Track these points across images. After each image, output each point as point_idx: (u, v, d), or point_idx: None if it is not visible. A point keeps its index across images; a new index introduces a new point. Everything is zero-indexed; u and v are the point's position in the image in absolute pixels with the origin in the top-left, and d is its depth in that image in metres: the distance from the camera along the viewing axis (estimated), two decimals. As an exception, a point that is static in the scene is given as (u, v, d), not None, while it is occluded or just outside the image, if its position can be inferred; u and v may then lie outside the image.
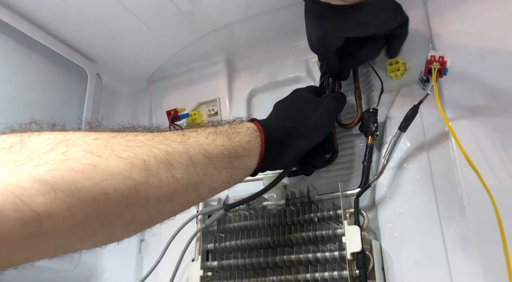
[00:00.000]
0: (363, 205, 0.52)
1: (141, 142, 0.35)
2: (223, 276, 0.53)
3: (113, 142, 0.34)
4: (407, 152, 0.52)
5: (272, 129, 0.45)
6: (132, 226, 0.35)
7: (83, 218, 0.30)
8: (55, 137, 0.32)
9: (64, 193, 0.29)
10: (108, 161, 0.32)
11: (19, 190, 0.27)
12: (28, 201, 0.27)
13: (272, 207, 0.55)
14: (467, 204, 0.46)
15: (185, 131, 0.40)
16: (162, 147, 0.36)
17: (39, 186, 0.28)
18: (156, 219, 0.37)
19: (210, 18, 0.68)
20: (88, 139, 0.33)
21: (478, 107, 0.50)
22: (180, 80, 0.74)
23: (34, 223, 0.28)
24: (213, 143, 0.40)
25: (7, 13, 0.60)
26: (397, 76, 0.55)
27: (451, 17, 0.55)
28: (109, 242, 0.35)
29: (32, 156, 0.29)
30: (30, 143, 0.31)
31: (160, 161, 0.35)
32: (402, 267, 0.47)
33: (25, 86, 0.63)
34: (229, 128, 0.43)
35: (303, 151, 0.50)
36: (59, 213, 0.29)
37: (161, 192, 0.35)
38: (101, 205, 0.31)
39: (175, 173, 0.36)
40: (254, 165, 0.44)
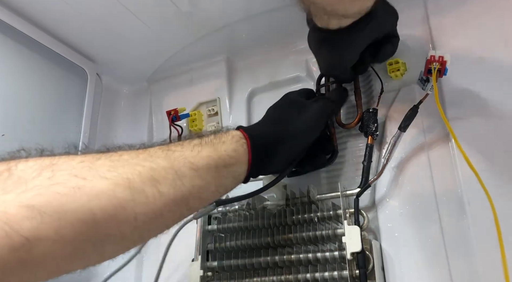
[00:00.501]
0: (363, 205, 0.52)
1: (126, 161, 0.36)
2: (223, 276, 0.53)
3: (98, 163, 0.34)
4: (407, 152, 0.52)
5: (257, 135, 0.45)
6: (123, 243, 0.35)
7: (73, 239, 0.31)
8: (42, 163, 0.33)
9: (51, 217, 0.29)
10: (93, 182, 0.32)
11: (7, 216, 0.28)
12: (16, 227, 0.28)
13: (272, 207, 0.55)
14: (467, 204, 0.46)
15: (169, 146, 0.40)
16: (147, 164, 0.36)
17: (26, 211, 0.29)
18: (147, 235, 0.38)
19: (210, 18, 0.68)
20: (74, 163, 0.34)
21: (478, 107, 0.50)
22: (180, 80, 0.74)
23: (23, 248, 0.28)
24: (198, 155, 0.40)
25: (7, 13, 0.60)
26: (397, 76, 0.55)
27: (451, 17, 0.55)
28: (102, 261, 0.35)
29: (19, 182, 0.30)
30: (17, 170, 0.31)
31: (145, 178, 0.35)
32: (402, 267, 0.47)
33: (25, 86, 0.63)
34: (214, 138, 0.43)
35: (296, 153, 0.50)
36: (48, 236, 0.29)
37: (149, 208, 0.35)
38: (89, 225, 0.31)
39: (161, 188, 0.36)
40: (243, 172, 0.44)
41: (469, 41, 0.53)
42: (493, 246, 0.41)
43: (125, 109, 0.80)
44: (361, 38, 0.47)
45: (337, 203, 0.51)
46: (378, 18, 0.45)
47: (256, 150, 0.44)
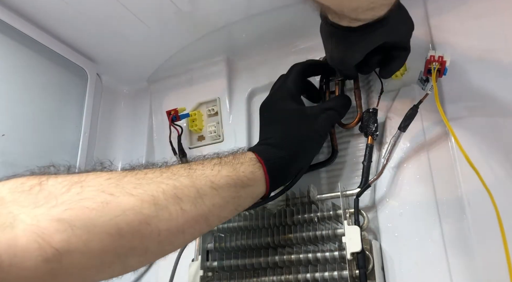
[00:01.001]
0: (363, 205, 0.52)
1: (150, 179, 0.38)
2: (223, 276, 0.53)
3: (124, 180, 0.36)
4: (407, 152, 0.52)
5: (271, 160, 0.46)
6: (146, 256, 0.37)
7: (100, 252, 0.33)
8: (71, 179, 0.35)
9: (80, 230, 0.31)
10: (120, 199, 0.34)
11: (40, 229, 0.30)
12: (48, 239, 0.30)
13: (272, 207, 0.55)
14: (467, 204, 0.46)
15: (191, 164, 0.42)
16: (170, 182, 0.38)
17: (57, 225, 0.31)
18: (169, 249, 0.40)
19: (210, 18, 0.68)
20: (101, 180, 0.36)
21: (478, 107, 0.50)
22: (180, 80, 0.74)
23: (54, 258, 0.30)
24: (219, 174, 0.42)
25: (7, 13, 0.60)
26: (397, 76, 0.55)
27: (451, 17, 0.55)
28: (125, 272, 0.37)
29: (50, 197, 0.32)
30: (47, 185, 0.33)
31: (168, 196, 0.37)
32: (402, 267, 0.47)
33: (25, 86, 0.63)
34: (233, 158, 0.45)
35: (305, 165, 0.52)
36: (77, 248, 0.31)
37: (172, 224, 0.37)
38: (116, 239, 0.33)
39: (183, 206, 0.38)
40: (261, 193, 0.46)
41: (469, 41, 0.53)
42: (493, 246, 0.41)
43: (125, 109, 0.80)
44: (369, 41, 0.47)
45: (337, 203, 0.51)
46: (391, 25, 0.45)
47: (272, 173, 0.46)
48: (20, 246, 0.29)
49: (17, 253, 0.29)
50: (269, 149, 0.48)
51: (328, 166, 0.56)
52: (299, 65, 0.56)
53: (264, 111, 0.53)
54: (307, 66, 0.56)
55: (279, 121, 0.51)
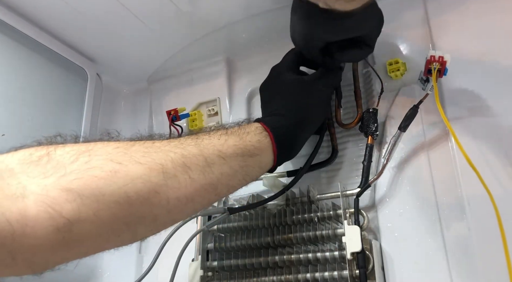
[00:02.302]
0: (363, 205, 0.52)
1: (158, 148, 0.38)
2: (223, 276, 0.53)
3: (132, 149, 0.36)
4: (407, 152, 0.52)
5: (278, 127, 0.47)
6: (155, 225, 0.37)
7: (109, 220, 0.33)
8: (78, 148, 0.34)
9: (89, 199, 0.32)
10: (128, 167, 0.34)
11: (50, 199, 0.30)
12: (58, 209, 0.30)
13: (272, 207, 0.55)
14: (467, 204, 0.46)
15: (198, 135, 0.42)
16: (178, 151, 0.38)
17: (67, 195, 0.31)
18: (179, 218, 0.40)
19: (210, 18, 0.68)
20: (109, 148, 0.36)
21: (478, 107, 0.50)
22: (180, 80, 0.74)
23: (65, 228, 0.30)
24: (226, 143, 0.42)
25: (7, 13, 0.60)
26: (397, 76, 0.55)
27: (451, 17, 0.55)
28: (135, 241, 0.37)
29: (58, 167, 0.32)
30: (55, 155, 0.33)
31: (177, 164, 0.37)
32: (402, 267, 0.47)
33: (25, 86, 0.63)
34: (239, 129, 0.45)
35: (311, 134, 0.52)
36: (87, 217, 0.31)
37: (181, 193, 0.37)
38: (125, 208, 0.33)
39: (192, 175, 0.38)
40: (269, 162, 0.46)
41: (469, 41, 0.53)
42: (493, 246, 0.41)
43: (125, 109, 0.80)
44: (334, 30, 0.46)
45: (337, 203, 0.51)
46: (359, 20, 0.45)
47: (279, 141, 0.46)
48: (31, 215, 0.29)
49: (29, 222, 0.29)
50: (275, 118, 0.48)
51: (328, 166, 0.56)
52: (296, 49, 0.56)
53: (263, 90, 0.54)
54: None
55: (280, 93, 0.51)
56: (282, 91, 0.52)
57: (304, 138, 0.50)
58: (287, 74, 0.53)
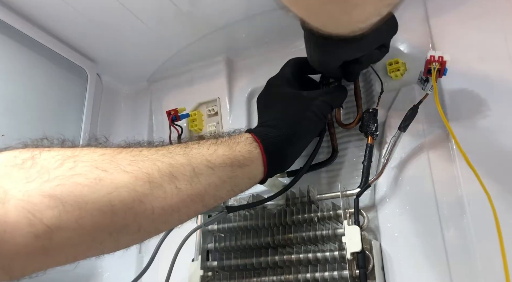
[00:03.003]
0: (363, 205, 0.52)
1: (145, 156, 0.37)
2: (223, 276, 0.53)
3: (119, 157, 0.36)
4: (407, 152, 0.52)
5: (268, 139, 0.46)
6: (139, 235, 0.36)
7: (91, 228, 0.32)
8: (64, 153, 0.34)
9: (72, 206, 0.31)
10: (114, 175, 0.34)
11: (30, 205, 0.29)
12: (39, 215, 0.30)
13: (272, 207, 0.55)
14: (467, 204, 0.46)
15: (187, 144, 0.41)
16: (166, 160, 0.37)
17: (49, 201, 0.30)
18: (163, 228, 0.39)
19: (210, 18, 0.68)
20: (95, 155, 0.35)
21: (478, 107, 0.50)
22: (180, 80, 0.74)
23: (45, 235, 0.30)
24: (215, 153, 0.41)
25: (7, 13, 0.60)
26: (397, 76, 0.55)
27: (451, 17, 0.55)
28: (117, 250, 0.37)
29: (42, 172, 0.31)
30: (40, 159, 0.33)
31: (163, 174, 0.36)
32: (402, 267, 0.47)
33: (25, 86, 0.63)
34: (229, 139, 0.44)
35: (303, 149, 0.51)
36: (68, 225, 0.31)
37: (166, 203, 0.36)
38: (108, 216, 0.33)
39: (178, 185, 0.37)
40: (259, 174, 0.45)
41: (469, 41, 0.53)
42: (493, 246, 0.41)
43: (125, 109, 0.80)
44: (343, 52, 0.46)
45: (337, 203, 0.51)
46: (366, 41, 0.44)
47: (269, 153, 0.45)
48: (11, 221, 0.29)
49: (7, 228, 0.28)
50: (266, 129, 0.47)
51: (328, 166, 0.56)
52: (297, 58, 0.56)
53: (259, 101, 0.54)
54: (304, 59, 0.55)
55: (275, 105, 0.51)
56: (276, 103, 0.51)
57: (295, 152, 0.49)
58: (283, 87, 0.52)
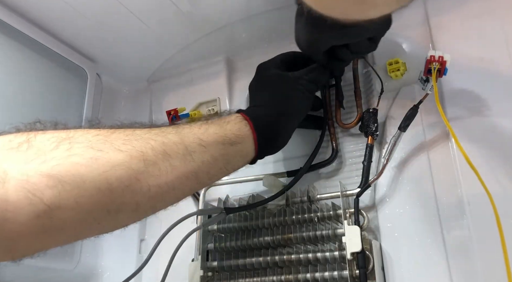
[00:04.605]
0: (363, 205, 0.52)
1: (139, 135, 0.38)
2: (223, 276, 0.53)
3: (112, 137, 0.36)
4: (407, 152, 0.52)
5: (258, 116, 0.46)
6: (137, 213, 0.37)
7: (90, 207, 0.33)
8: (59, 135, 0.34)
9: (70, 185, 0.31)
10: (109, 154, 0.34)
11: (30, 185, 0.30)
12: (39, 195, 0.30)
13: (272, 207, 0.55)
14: (467, 204, 0.46)
15: (179, 125, 0.42)
16: (159, 139, 0.38)
17: (48, 180, 0.31)
18: (160, 206, 0.40)
19: (210, 18, 0.68)
20: (89, 136, 0.35)
21: (478, 107, 0.50)
22: (180, 80, 0.74)
23: (45, 214, 0.30)
24: (206, 132, 0.42)
25: (7, 13, 0.60)
26: (397, 76, 0.55)
27: (451, 17, 0.55)
28: (116, 229, 0.37)
29: (39, 154, 0.32)
30: (36, 142, 0.33)
31: (157, 152, 0.37)
32: (402, 267, 0.47)
33: (25, 86, 0.63)
34: (219, 119, 0.45)
35: (294, 128, 0.51)
36: (67, 204, 0.31)
37: (162, 180, 0.37)
38: (106, 194, 0.33)
39: (172, 162, 0.38)
40: (250, 151, 0.46)
41: (469, 41, 0.53)
42: (493, 246, 0.41)
43: (125, 109, 0.80)
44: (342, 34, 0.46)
45: (337, 203, 0.51)
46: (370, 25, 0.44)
47: (259, 130, 0.45)
48: (12, 201, 0.29)
49: (9, 208, 0.29)
50: (255, 109, 0.49)
51: (328, 166, 0.56)
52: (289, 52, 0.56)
53: (251, 86, 0.54)
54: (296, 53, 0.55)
55: (264, 87, 0.52)
56: (265, 86, 0.52)
57: (286, 130, 0.49)
58: (270, 70, 0.53)
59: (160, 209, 0.40)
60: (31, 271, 0.60)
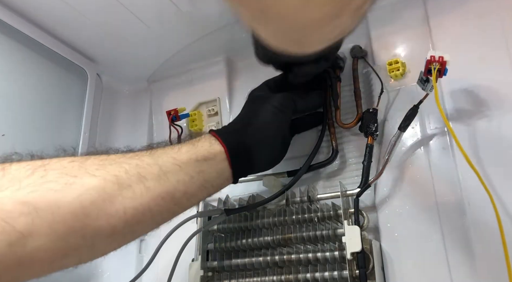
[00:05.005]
0: (363, 205, 0.52)
1: (113, 160, 0.38)
2: (223, 276, 0.53)
3: (87, 163, 0.37)
4: (407, 152, 0.52)
5: (226, 133, 0.47)
6: (114, 238, 0.37)
7: (65, 233, 0.32)
8: (34, 163, 0.35)
9: (44, 211, 0.31)
10: (83, 180, 0.35)
11: (4, 213, 0.30)
12: (12, 222, 0.30)
13: (272, 207, 0.55)
14: (467, 204, 0.46)
15: (152, 148, 0.43)
16: (132, 162, 0.39)
17: (22, 207, 0.31)
18: (139, 230, 0.39)
19: (210, 18, 0.68)
20: (64, 162, 0.36)
21: (478, 107, 0.50)
22: (180, 80, 0.74)
23: (19, 242, 0.30)
24: (179, 151, 0.42)
25: (7, 13, 0.60)
26: (397, 76, 0.55)
27: (451, 17, 0.55)
28: (94, 257, 0.37)
29: (14, 181, 0.32)
30: (11, 170, 0.33)
31: (131, 174, 0.37)
32: (402, 267, 0.47)
33: (25, 86, 0.63)
34: (191, 139, 0.46)
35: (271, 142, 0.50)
36: (41, 230, 0.31)
37: (137, 202, 0.37)
38: (80, 219, 0.33)
39: (147, 184, 0.38)
40: (225, 167, 0.45)
41: (469, 41, 0.53)
42: (493, 246, 0.41)
43: (125, 109, 0.80)
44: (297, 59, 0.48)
45: (337, 203, 0.51)
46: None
47: (229, 144, 0.45)
48: None
49: None
50: (225, 127, 0.49)
51: (328, 166, 0.56)
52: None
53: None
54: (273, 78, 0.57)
55: (242, 109, 0.53)
56: (244, 106, 0.54)
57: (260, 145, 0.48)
58: (257, 90, 0.55)
59: (141, 234, 0.40)
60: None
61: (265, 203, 0.53)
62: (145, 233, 0.40)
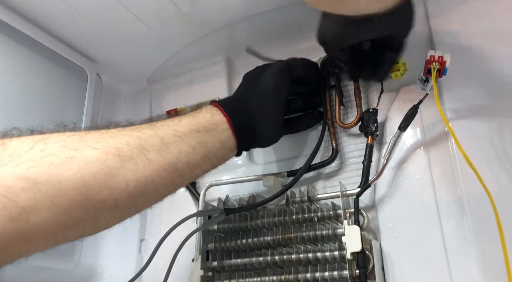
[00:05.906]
0: (363, 205, 0.52)
1: (113, 133, 0.38)
2: (223, 276, 0.53)
3: (87, 136, 0.36)
4: (407, 152, 0.52)
5: (227, 102, 0.47)
6: (118, 210, 0.36)
7: (67, 207, 0.32)
8: (34, 138, 0.34)
9: (45, 186, 0.31)
10: (84, 153, 0.34)
11: (4, 188, 0.30)
12: (13, 198, 0.30)
13: (272, 207, 0.55)
14: (467, 204, 0.46)
15: (153, 122, 0.43)
16: (133, 134, 0.39)
17: (22, 183, 0.30)
18: (142, 202, 0.39)
19: (210, 18, 0.68)
20: (64, 136, 0.35)
21: (478, 107, 0.50)
22: (180, 80, 0.74)
23: (21, 217, 0.30)
24: (180, 123, 0.42)
25: (7, 13, 0.60)
26: (397, 76, 0.55)
27: (451, 17, 0.55)
28: (98, 230, 0.37)
29: (14, 156, 0.32)
30: (11, 145, 0.33)
31: (132, 146, 0.37)
32: (402, 267, 0.47)
33: (25, 86, 0.63)
34: (191, 111, 0.45)
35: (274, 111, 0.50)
36: (44, 205, 0.31)
37: (139, 174, 0.37)
38: (82, 193, 0.33)
39: (149, 155, 0.38)
40: (229, 138, 0.45)
41: (469, 41, 0.53)
42: (493, 246, 0.41)
43: (125, 109, 0.80)
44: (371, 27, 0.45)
45: (337, 203, 0.51)
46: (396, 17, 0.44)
47: (232, 114, 0.45)
48: None
49: None
50: (227, 97, 0.50)
51: (328, 166, 0.56)
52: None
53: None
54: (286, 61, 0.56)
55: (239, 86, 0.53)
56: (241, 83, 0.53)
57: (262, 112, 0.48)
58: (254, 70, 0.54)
59: (144, 207, 0.40)
60: (31, 271, 0.60)
61: (265, 203, 0.53)
62: (149, 205, 0.40)
